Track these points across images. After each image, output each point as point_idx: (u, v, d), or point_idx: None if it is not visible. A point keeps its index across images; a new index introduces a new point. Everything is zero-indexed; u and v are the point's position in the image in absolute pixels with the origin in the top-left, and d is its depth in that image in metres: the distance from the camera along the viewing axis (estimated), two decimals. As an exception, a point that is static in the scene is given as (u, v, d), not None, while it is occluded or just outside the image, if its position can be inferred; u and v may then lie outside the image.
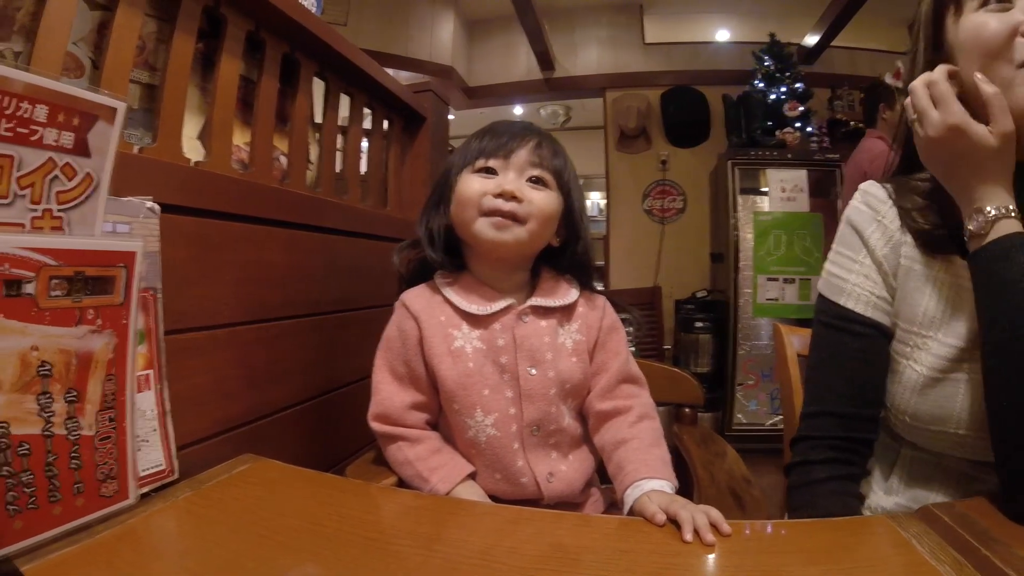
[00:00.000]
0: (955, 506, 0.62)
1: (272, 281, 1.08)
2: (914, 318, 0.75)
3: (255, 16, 1.06)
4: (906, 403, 0.75)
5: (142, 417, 0.67)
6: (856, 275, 0.80)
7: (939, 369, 0.72)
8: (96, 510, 0.57)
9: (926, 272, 0.75)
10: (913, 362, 0.75)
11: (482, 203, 0.83)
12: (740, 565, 0.58)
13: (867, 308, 0.78)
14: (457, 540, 0.61)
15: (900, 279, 0.78)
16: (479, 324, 0.86)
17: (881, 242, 0.79)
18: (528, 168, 0.86)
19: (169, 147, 0.89)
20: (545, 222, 0.86)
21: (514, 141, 0.86)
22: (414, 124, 1.75)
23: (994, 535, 0.54)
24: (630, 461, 0.78)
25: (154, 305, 0.70)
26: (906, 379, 0.75)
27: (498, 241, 0.83)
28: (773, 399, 3.48)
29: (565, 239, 0.92)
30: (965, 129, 0.64)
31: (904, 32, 4.63)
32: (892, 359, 0.78)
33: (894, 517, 0.63)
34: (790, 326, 1.30)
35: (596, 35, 4.66)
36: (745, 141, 3.77)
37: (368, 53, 1.42)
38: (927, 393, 0.73)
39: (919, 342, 0.75)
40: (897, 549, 0.57)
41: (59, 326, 0.53)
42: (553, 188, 0.87)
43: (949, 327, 0.72)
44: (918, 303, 0.75)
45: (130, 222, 0.67)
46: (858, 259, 0.80)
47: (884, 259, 0.78)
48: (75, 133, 0.55)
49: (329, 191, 1.33)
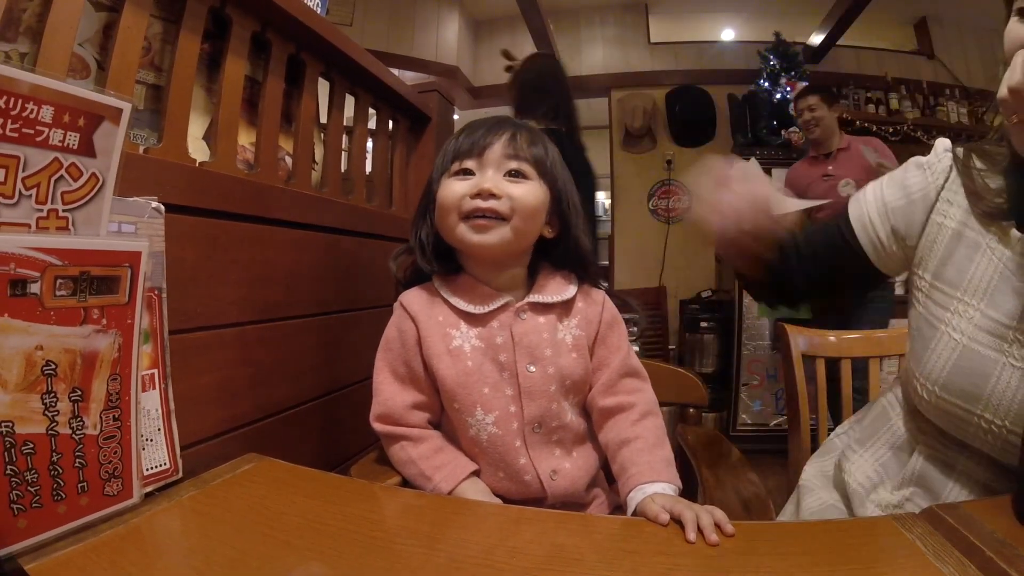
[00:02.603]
0: (960, 507, 0.61)
1: (278, 281, 1.08)
2: (959, 283, 0.74)
3: (261, 17, 1.07)
4: (938, 372, 0.73)
5: (146, 416, 0.67)
6: (875, 199, 0.85)
7: (978, 341, 0.71)
8: (100, 509, 0.57)
9: (979, 240, 0.74)
10: (952, 329, 0.73)
11: (461, 206, 0.82)
12: (744, 566, 0.58)
13: (857, 225, 0.85)
14: (460, 540, 0.61)
15: (934, 238, 0.78)
16: (477, 323, 0.86)
17: (917, 186, 0.81)
18: (504, 162, 0.84)
19: (175, 147, 0.89)
20: (529, 216, 0.84)
21: (487, 136, 0.84)
22: (419, 124, 1.75)
23: (1000, 537, 0.54)
24: (634, 463, 0.78)
25: (159, 305, 0.70)
26: (942, 346, 0.74)
27: (483, 244, 0.82)
28: (778, 399, 3.47)
29: (559, 230, 0.90)
30: None
31: (910, 31, 4.63)
32: (929, 324, 0.77)
33: (898, 518, 0.63)
34: (795, 326, 1.30)
35: (601, 35, 4.66)
36: (751, 141, 3.76)
37: (373, 53, 1.42)
38: (961, 365, 0.71)
39: (961, 308, 0.73)
40: (901, 551, 0.56)
41: (64, 325, 0.54)
42: (534, 178, 0.85)
43: (993, 300, 0.71)
44: (966, 269, 0.74)
45: (135, 222, 0.67)
46: (883, 189, 0.85)
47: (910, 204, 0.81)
48: (81, 134, 0.55)
49: (335, 191, 1.33)
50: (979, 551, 0.52)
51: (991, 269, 0.72)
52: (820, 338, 1.28)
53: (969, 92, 3.95)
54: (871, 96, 4.04)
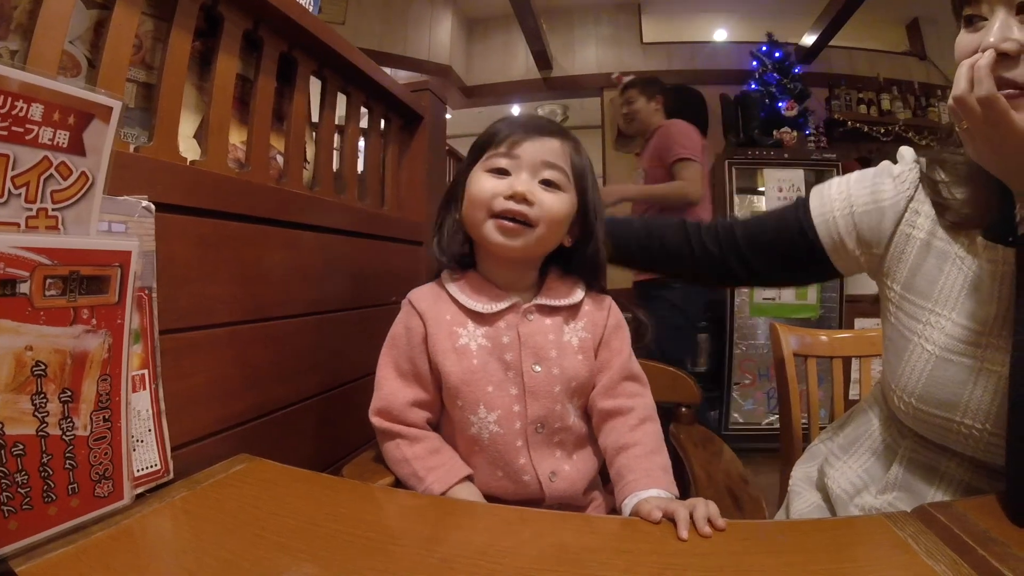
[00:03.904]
0: (952, 506, 0.62)
1: (270, 280, 1.07)
2: (930, 294, 0.75)
3: (253, 14, 1.06)
4: (914, 384, 0.74)
5: (137, 417, 0.67)
6: (841, 198, 0.85)
7: (951, 350, 0.71)
8: (91, 510, 0.57)
9: (947, 249, 0.75)
10: (924, 340, 0.74)
11: (493, 204, 0.82)
12: (738, 564, 0.58)
13: (818, 219, 0.86)
14: (455, 540, 0.61)
15: (902, 249, 0.79)
16: (484, 322, 0.86)
17: (888, 195, 0.81)
18: (541, 168, 0.84)
19: (166, 146, 0.89)
20: (555, 226, 0.85)
21: (529, 138, 0.84)
22: (412, 123, 1.75)
23: (992, 535, 0.54)
24: (631, 470, 0.78)
25: (149, 305, 0.69)
26: (915, 357, 0.74)
27: (507, 246, 0.83)
28: (770, 398, 3.49)
29: (578, 239, 0.91)
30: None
31: (902, 31, 4.64)
32: (901, 335, 0.78)
33: (890, 517, 0.63)
34: (787, 325, 1.31)
35: (594, 34, 4.66)
36: (743, 141, 3.77)
37: (366, 52, 1.41)
38: (936, 376, 0.72)
39: (932, 319, 0.74)
40: (894, 549, 0.57)
41: (54, 326, 0.53)
42: (567, 190, 0.86)
43: (964, 309, 0.72)
44: (935, 279, 0.75)
45: (126, 221, 0.67)
46: (850, 189, 0.85)
47: (870, 212, 0.82)
48: (71, 132, 0.55)
49: (326, 190, 1.32)
50: (972, 549, 0.52)
51: (960, 278, 0.73)
52: (812, 337, 1.29)
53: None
54: (863, 96, 4.07)
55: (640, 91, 2.76)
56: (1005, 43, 0.59)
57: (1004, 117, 0.57)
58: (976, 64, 0.58)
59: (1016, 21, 0.60)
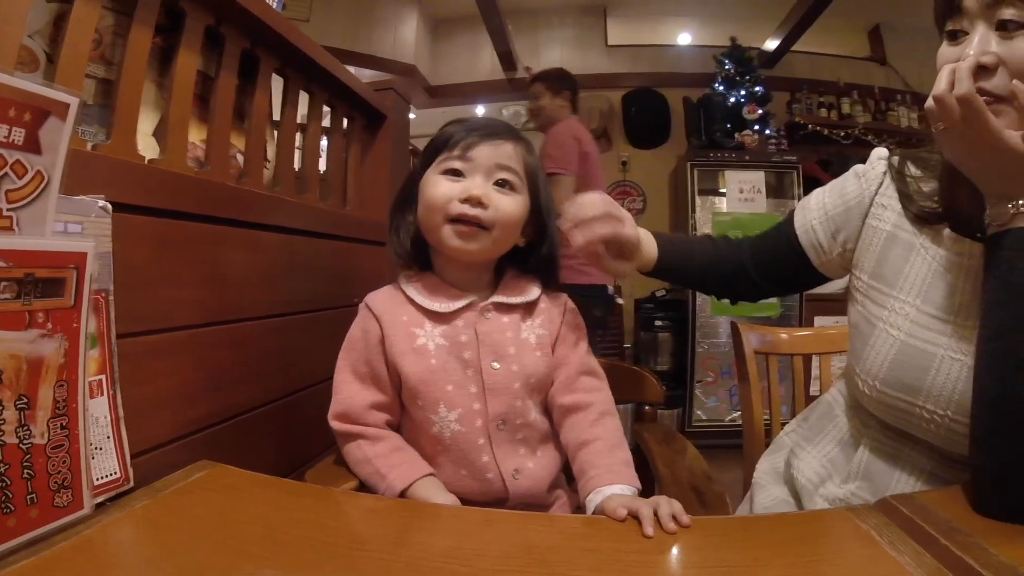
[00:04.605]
0: (914, 498, 0.64)
1: (231, 282, 1.06)
2: (895, 282, 0.78)
3: (215, 10, 1.04)
4: (878, 367, 0.77)
5: (95, 424, 0.65)
6: (818, 207, 0.90)
7: (915, 336, 0.74)
8: (51, 521, 0.55)
9: (913, 240, 0.78)
10: (889, 326, 0.77)
11: (448, 208, 0.83)
12: (704, 561, 0.59)
13: (801, 231, 0.90)
14: (421, 543, 0.61)
15: (870, 240, 0.83)
16: (442, 321, 0.86)
17: (853, 194, 0.86)
18: (496, 170, 0.85)
19: (124, 144, 0.86)
20: (510, 227, 0.86)
21: (483, 140, 0.85)
22: (375, 123, 1.73)
23: (955, 525, 0.56)
24: (593, 466, 0.79)
25: (106, 308, 0.68)
26: (880, 342, 0.77)
27: (464, 250, 0.84)
28: (732, 395, 3.55)
29: (531, 239, 0.92)
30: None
31: (864, 37, 4.74)
32: (867, 321, 0.81)
33: (853, 509, 0.65)
34: (748, 324, 1.33)
35: (560, 36, 4.68)
36: (705, 143, 3.83)
37: (330, 50, 1.40)
38: (900, 360, 0.75)
39: (897, 306, 0.77)
40: (858, 542, 0.58)
41: (9, 330, 0.51)
42: (521, 191, 0.87)
43: (929, 297, 0.75)
44: (901, 268, 0.78)
45: (82, 222, 0.65)
46: (824, 197, 0.90)
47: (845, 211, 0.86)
48: (26, 129, 0.53)
49: (288, 190, 1.30)
50: (935, 540, 0.54)
51: (925, 267, 0.76)
52: (773, 336, 1.32)
53: (920, 97, 4.07)
54: (824, 100, 4.17)
55: (547, 86, 2.71)
56: (984, 56, 0.62)
57: (980, 116, 0.59)
58: (957, 66, 0.61)
59: (995, 36, 0.63)
